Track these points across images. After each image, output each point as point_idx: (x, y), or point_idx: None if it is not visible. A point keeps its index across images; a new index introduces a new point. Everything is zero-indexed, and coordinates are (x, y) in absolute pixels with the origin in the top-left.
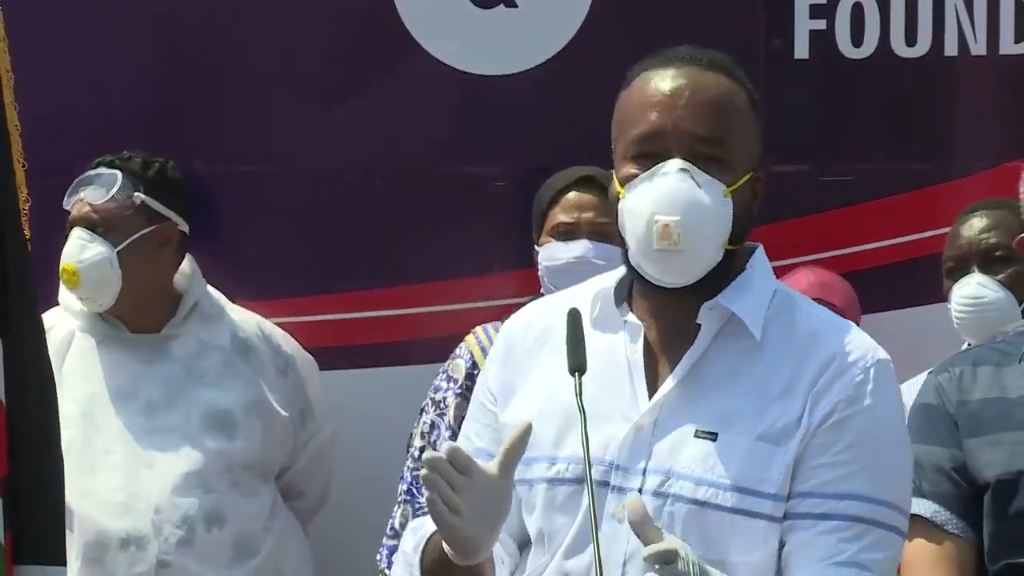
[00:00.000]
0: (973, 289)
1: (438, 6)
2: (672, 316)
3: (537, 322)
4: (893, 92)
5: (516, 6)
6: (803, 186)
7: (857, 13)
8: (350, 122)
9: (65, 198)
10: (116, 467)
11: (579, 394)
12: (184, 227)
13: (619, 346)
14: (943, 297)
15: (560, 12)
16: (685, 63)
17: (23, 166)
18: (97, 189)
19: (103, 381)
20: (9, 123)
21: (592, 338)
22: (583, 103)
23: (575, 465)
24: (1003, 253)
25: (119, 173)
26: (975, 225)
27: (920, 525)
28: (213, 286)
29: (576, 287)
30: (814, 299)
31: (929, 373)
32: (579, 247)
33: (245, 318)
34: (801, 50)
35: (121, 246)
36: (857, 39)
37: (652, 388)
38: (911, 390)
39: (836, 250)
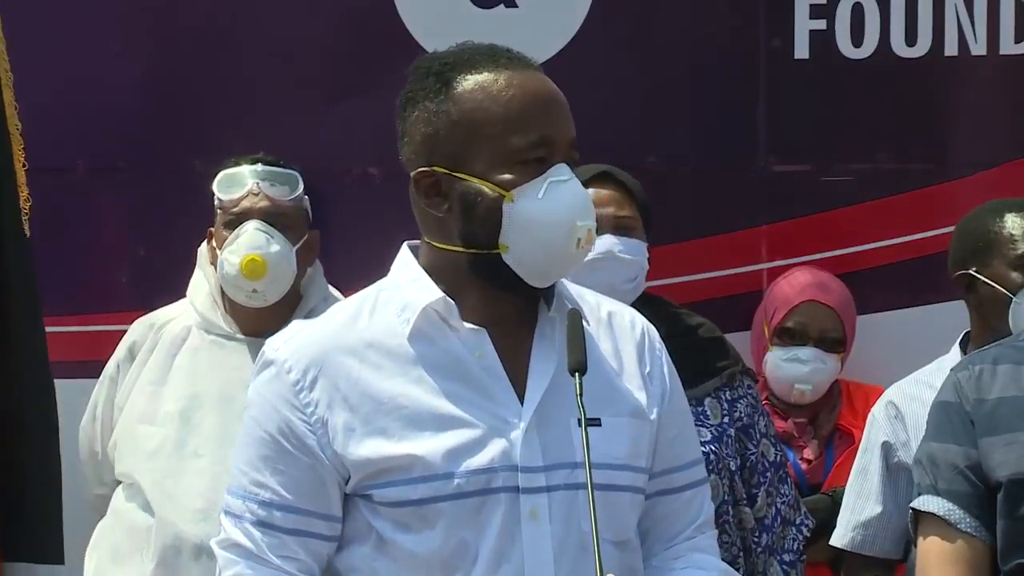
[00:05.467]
0: None
1: (438, 6)
2: (515, 316)
3: (337, 345)
4: (893, 92)
5: (516, 6)
6: (803, 186)
7: (857, 13)
8: (350, 122)
9: (222, 188)
10: (202, 472)
11: (579, 394)
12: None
13: (462, 354)
14: (943, 297)
15: (560, 12)
16: (523, 65)
17: (23, 166)
18: (280, 186)
19: (206, 382)
20: (10, 123)
21: (423, 350)
22: (583, 103)
23: (474, 477)
24: None
25: (297, 174)
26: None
27: (934, 523)
28: None
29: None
30: (810, 300)
31: (951, 370)
32: (604, 243)
33: None
34: (801, 50)
35: (298, 245)
36: (857, 39)
37: (517, 387)
38: (904, 389)
39: (836, 250)
